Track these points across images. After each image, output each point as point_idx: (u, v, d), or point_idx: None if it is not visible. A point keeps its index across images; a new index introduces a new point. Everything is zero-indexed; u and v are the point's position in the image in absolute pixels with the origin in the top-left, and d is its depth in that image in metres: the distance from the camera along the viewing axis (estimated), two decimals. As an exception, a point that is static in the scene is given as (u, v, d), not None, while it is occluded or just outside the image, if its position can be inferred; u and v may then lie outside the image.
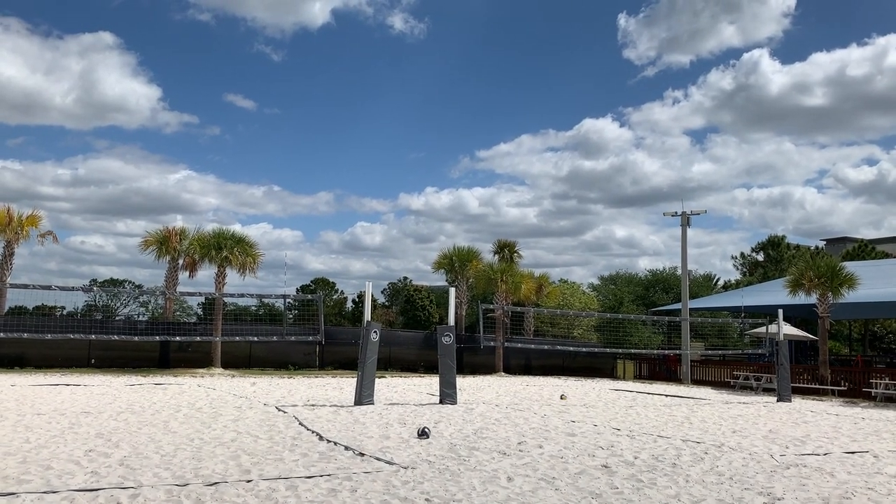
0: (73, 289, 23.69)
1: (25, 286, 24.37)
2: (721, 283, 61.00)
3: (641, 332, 41.57)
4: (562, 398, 18.79)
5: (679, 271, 39.96)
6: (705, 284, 57.76)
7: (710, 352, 32.26)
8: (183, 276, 28.98)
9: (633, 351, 33.29)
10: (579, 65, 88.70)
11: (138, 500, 6.40)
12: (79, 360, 24.90)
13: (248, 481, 7.32)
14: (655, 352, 33.96)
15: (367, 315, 16.52)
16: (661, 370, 31.40)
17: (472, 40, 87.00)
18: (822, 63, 77.68)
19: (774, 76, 76.59)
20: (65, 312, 33.50)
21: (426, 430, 10.95)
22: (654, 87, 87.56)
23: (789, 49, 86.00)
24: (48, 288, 19.72)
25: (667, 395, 21.28)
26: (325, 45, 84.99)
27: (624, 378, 31.21)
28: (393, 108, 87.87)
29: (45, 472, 7.53)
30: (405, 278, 62.52)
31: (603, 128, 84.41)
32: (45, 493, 6.56)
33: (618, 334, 32.84)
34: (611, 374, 31.97)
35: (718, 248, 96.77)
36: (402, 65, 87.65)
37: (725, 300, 39.31)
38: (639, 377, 31.63)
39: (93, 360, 25.11)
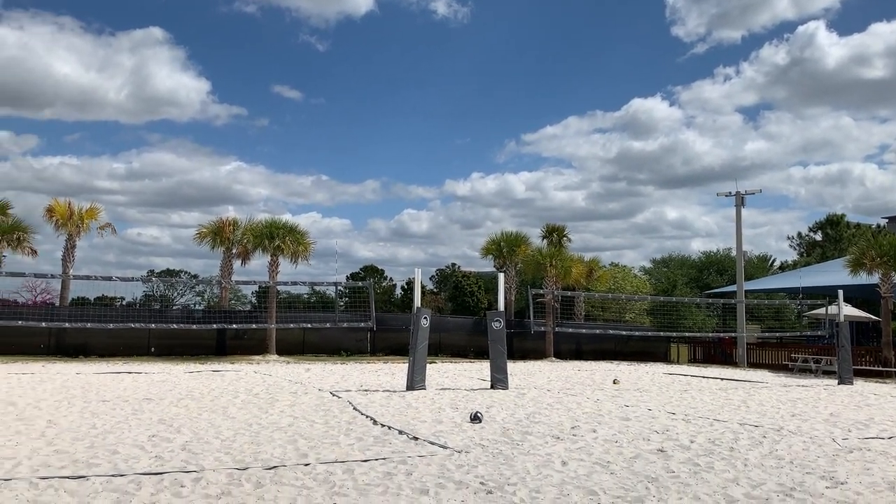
0: (132, 279, 24.43)
1: (88, 277, 25.22)
2: (777, 263, 59.59)
3: (695, 314, 40.88)
4: (614, 382, 18.64)
5: (733, 252, 39.17)
6: (761, 266, 56.48)
7: (766, 334, 31.55)
8: (237, 265, 29.62)
9: (686, 334, 32.80)
10: (626, 44, 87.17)
11: (201, 483, 6.59)
12: (139, 349, 25.69)
13: (306, 465, 7.47)
14: (710, 335, 33.40)
15: (417, 301, 16.62)
16: (717, 353, 30.88)
17: (516, 22, 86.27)
18: (881, 33, 74.86)
19: (831, 49, 74.04)
20: (124, 303, 34.62)
21: (479, 414, 10.99)
22: (705, 64, 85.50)
23: (847, 20, 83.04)
24: (109, 279, 20.36)
25: (722, 379, 20.92)
26: (369, 33, 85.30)
27: (678, 362, 30.80)
28: (437, 95, 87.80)
29: (111, 456, 7.80)
30: (453, 265, 62.74)
31: (652, 107, 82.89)
32: (112, 476, 6.80)
33: (671, 317, 32.36)
34: (664, 357, 31.56)
35: (774, 228, 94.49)
36: (445, 50, 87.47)
37: (782, 281, 38.39)
38: (693, 361, 31.16)
39: (153, 349, 25.88)
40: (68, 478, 6.69)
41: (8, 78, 64.90)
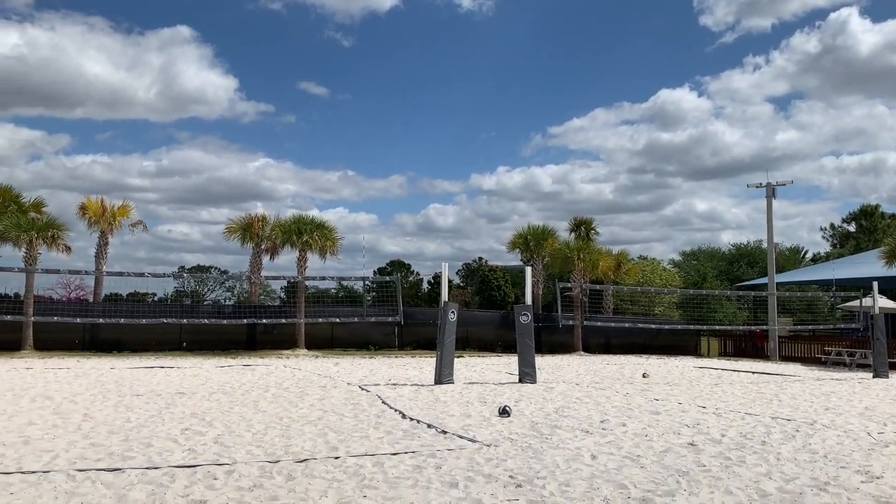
0: (164, 275, 24.84)
1: (120, 274, 25.65)
2: (809, 255, 58.71)
3: (726, 307, 40.47)
4: (644, 376, 18.52)
5: (764, 244, 38.63)
6: (792, 258, 55.68)
7: (798, 327, 31.08)
8: (266, 260, 29.90)
9: (717, 327, 32.45)
10: (653, 34, 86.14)
11: (233, 475, 6.68)
12: (171, 344, 26.06)
13: (336, 458, 7.53)
14: (741, 328, 33.01)
15: (444, 295, 16.65)
16: (748, 347, 30.50)
17: (541, 14, 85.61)
18: (918, 19, 72.93)
19: (865, 36, 72.38)
20: (156, 298, 35.14)
21: (507, 408, 10.99)
22: (733, 53, 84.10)
23: (880, 6, 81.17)
24: (141, 275, 20.71)
25: (754, 372, 20.68)
26: (394, 28, 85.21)
27: (708, 355, 30.48)
28: (462, 89, 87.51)
29: (146, 449, 7.94)
30: (479, 259, 62.64)
31: (680, 98, 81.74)
32: (147, 468, 6.92)
33: (701, 311, 32.06)
34: (694, 351, 31.26)
35: (806, 220, 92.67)
36: (470, 44, 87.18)
37: (815, 273, 37.80)
38: (724, 354, 30.82)
39: (184, 344, 26.23)
40: (104, 470, 6.83)
41: (41, 78, 66.05)
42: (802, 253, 59.33)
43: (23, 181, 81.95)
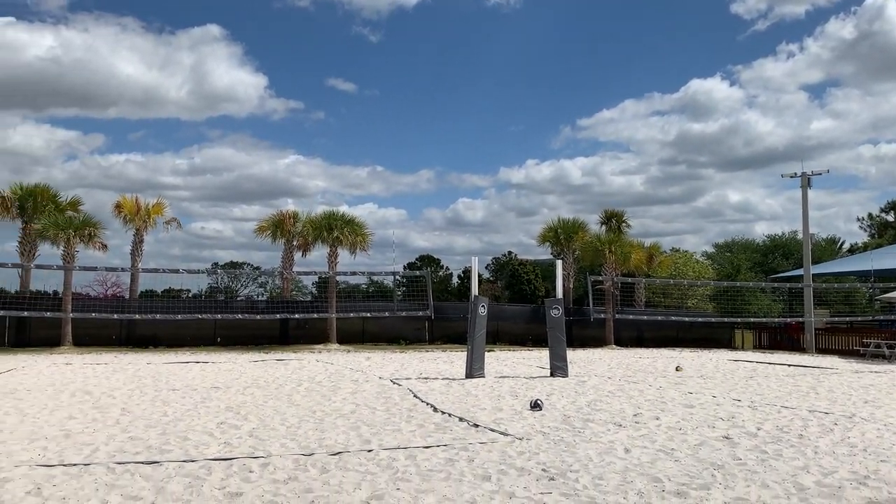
0: (198, 272, 25.20)
1: (156, 270, 26.09)
2: (846, 246, 57.55)
3: (760, 300, 39.86)
4: (677, 370, 18.34)
5: (800, 235, 37.97)
6: (829, 248, 54.66)
7: (835, 319, 30.52)
8: (297, 256, 30.17)
9: (751, 320, 31.99)
10: (684, 23, 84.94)
11: (269, 468, 6.76)
12: (206, 339, 26.44)
13: (369, 451, 7.59)
14: (776, 320, 32.51)
15: (475, 290, 16.65)
16: (783, 339, 30.04)
17: (568, 5, 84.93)
18: (958, 2, 70.91)
19: (903, 21, 70.61)
20: (190, 295, 35.64)
21: (539, 402, 10.97)
22: (766, 41, 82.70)
23: (920, -10, 78.89)
24: (176, 271, 21.05)
25: (790, 365, 20.36)
26: (421, 22, 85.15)
27: (742, 348, 30.08)
28: (490, 82, 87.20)
29: (183, 442, 8.07)
30: (509, 253, 62.49)
31: (711, 88, 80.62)
32: (184, 461, 7.04)
33: (735, 303, 31.60)
34: (728, 344, 30.85)
35: (843, 210, 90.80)
36: (498, 36, 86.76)
37: (852, 264, 37.05)
38: (759, 347, 30.39)
39: (219, 339, 26.60)
40: (143, 463, 6.96)
41: (75, 79, 67.30)
42: (839, 244, 58.19)
43: (59, 181, 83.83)
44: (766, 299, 40.69)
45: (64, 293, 25.14)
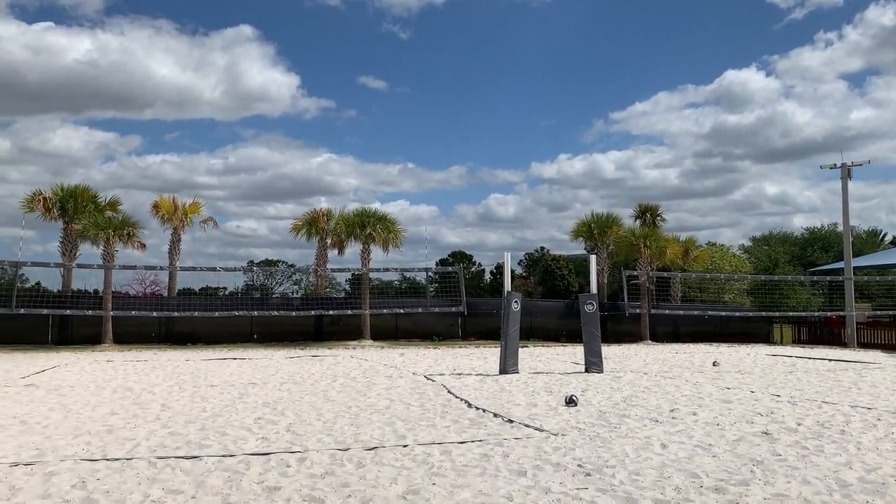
0: (235, 269, 25.51)
1: (193, 269, 26.51)
2: (889, 238, 56.19)
3: (799, 293, 39.11)
4: (714, 365, 18.09)
5: (839, 227, 37.19)
6: (870, 241, 53.46)
7: (878, 312, 29.82)
8: (331, 253, 30.39)
9: (790, 314, 31.42)
10: (718, 13, 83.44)
11: (306, 463, 6.83)
12: (242, 336, 26.79)
13: (405, 446, 7.62)
14: (816, 314, 31.88)
15: (508, 285, 16.61)
16: (823, 334, 29.44)
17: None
18: None
19: (946, 6, 68.60)
20: (227, 292, 36.12)
21: (574, 397, 10.91)
22: (803, 30, 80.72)
23: (964, -26, 76.54)
24: (213, 269, 21.33)
25: (830, 360, 19.96)
26: (451, 18, 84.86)
27: (781, 343, 29.56)
28: (521, 76, 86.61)
29: (221, 437, 8.20)
30: (542, 248, 62.17)
31: (747, 79, 78.97)
32: (223, 456, 7.15)
33: (773, 297, 31.03)
34: (766, 339, 30.34)
35: (884, 201, 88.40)
36: (528, 31, 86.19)
37: (895, 256, 36.18)
38: (798, 342, 29.84)
39: (255, 336, 26.93)
40: (183, 458, 7.09)
41: (112, 81, 68.46)
42: (881, 236, 56.87)
43: (98, 181, 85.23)
44: (805, 293, 39.93)
45: (104, 292, 25.66)
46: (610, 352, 21.91)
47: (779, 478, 6.21)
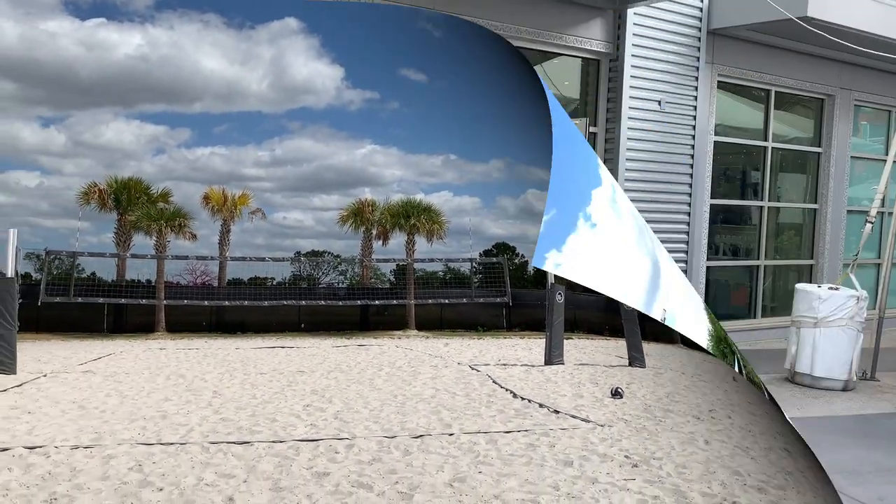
0: (282, 259, 25.90)
1: (243, 259, 26.98)
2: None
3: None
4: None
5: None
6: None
7: None
8: (376, 244, 30.67)
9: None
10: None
11: (353, 449, 6.93)
12: (290, 325, 26.96)
13: (450, 434, 7.67)
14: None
15: (552, 278, 16.54)
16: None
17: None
18: None
19: None
20: (275, 282, 36.73)
21: (619, 389, 10.82)
22: None
23: None
24: (262, 260, 21.67)
25: None
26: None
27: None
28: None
29: (271, 424, 8.35)
30: (587, 239, 61.66)
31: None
32: (273, 442, 7.29)
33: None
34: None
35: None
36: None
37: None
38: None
39: (302, 325, 27.25)
40: (234, 443, 7.24)
41: (162, 76, 69.57)
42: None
43: (150, 174, 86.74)
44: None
45: (157, 281, 26.22)
46: (650, 349, 21.63)
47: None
